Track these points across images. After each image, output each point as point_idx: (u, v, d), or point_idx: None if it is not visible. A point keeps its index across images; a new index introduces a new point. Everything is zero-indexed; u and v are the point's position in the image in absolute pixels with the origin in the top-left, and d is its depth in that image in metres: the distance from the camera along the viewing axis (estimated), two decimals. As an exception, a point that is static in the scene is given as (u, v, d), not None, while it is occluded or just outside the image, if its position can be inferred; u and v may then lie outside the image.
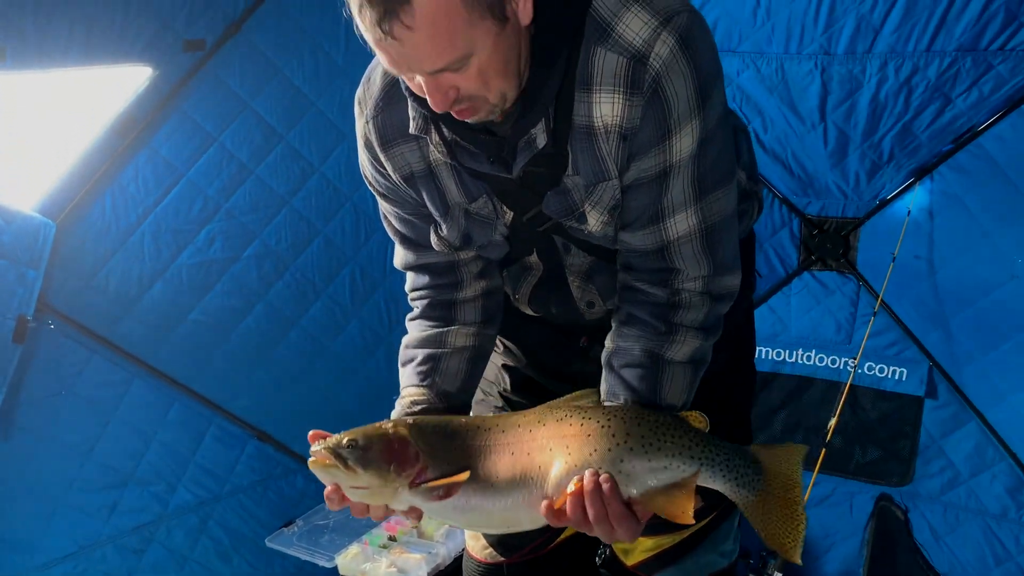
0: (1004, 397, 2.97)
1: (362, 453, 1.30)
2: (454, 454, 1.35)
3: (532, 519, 1.37)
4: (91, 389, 2.83)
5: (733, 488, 1.35)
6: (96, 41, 2.47)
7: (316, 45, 3.04)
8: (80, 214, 2.69)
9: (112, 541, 2.95)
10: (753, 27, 2.90)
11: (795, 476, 1.38)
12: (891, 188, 3.07)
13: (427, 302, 1.66)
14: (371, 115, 1.47)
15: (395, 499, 1.34)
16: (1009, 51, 2.65)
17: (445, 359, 1.61)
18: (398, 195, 1.57)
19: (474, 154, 1.40)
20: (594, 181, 1.40)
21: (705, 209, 1.39)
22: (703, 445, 1.34)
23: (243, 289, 3.13)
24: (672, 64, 1.27)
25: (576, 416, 1.36)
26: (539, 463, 1.33)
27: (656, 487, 1.32)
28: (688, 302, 1.45)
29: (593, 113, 1.33)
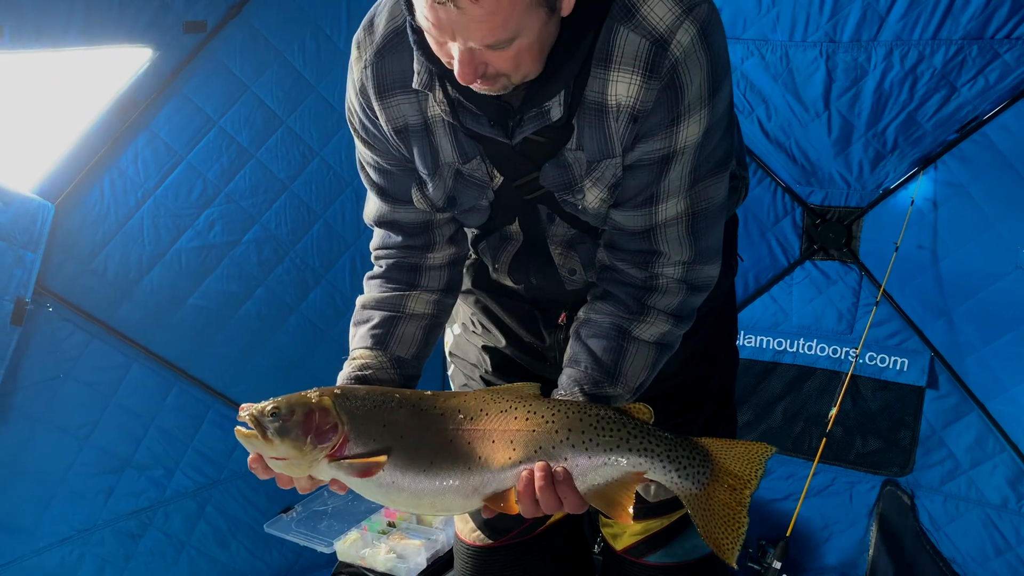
0: (1005, 388, 2.98)
1: (281, 423, 1.29)
2: (383, 430, 1.33)
3: (463, 505, 1.37)
4: (89, 373, 2.83)
5: (674, 480, 1.34)
6: (96, 21, 2.46)
7: (317, 29, 3.03)
8: (79, 196, 2.69)
9: (110, 525, 2.95)
10: (758, 14, 2.89)
11: (750, 476, 1.35)
12: (895, 177, 3.08)
13: (393, 262, 1.65)
14: (370, 60, 1.45)
15: (314, 471, 1.33)
16: (1016, 39, 2.64)
17: (402, 323, 1.60)
18: (384, 146, 1.55)
19: (476, 116, 1.39)
20: (599, 158, 1.41)
21: (695, 195, 1.42)
22: (643, 437, 1.33)
23: (243, 274, 3.13)
24: (691, 53, 1.29)
25: (521, 409, 1.35)
26: (480, 454, 1.32)
27: (600, 483, 1.33)
28: (664, 287, 1.48)
29: (608, 91, 1.34)
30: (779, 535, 3.06)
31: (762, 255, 3.39)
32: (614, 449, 1.32)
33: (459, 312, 1.92)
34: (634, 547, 1.89)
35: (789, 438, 3.40)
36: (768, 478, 3.37)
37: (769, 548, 3.08)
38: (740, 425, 3.37)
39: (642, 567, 1.89)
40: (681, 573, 1.87)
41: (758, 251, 3.38)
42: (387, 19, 1.43)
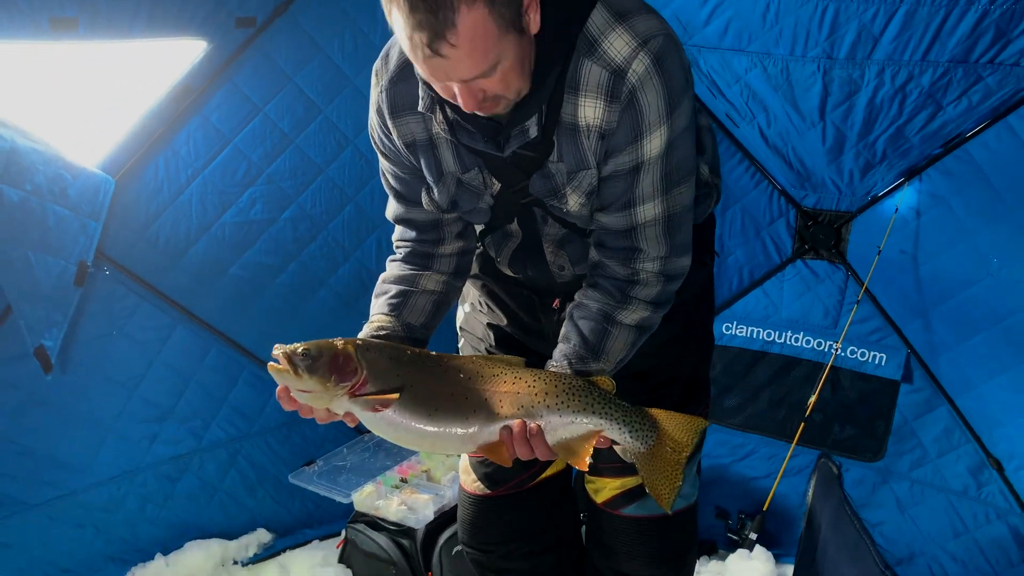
0: (974, 386, 3.15)
1: (311, 362, 1.47)
2: (396, 377, 1.54)
3: (457, 447, 1.63)
4: (139, 331, 3.07)
5: (627, 439, 1.63)
6: (159, 15, 2.65)
7: (356, 27, 3.19)
8: (136, 173, 2.90)
9: (151, 468, 3.22)
10: (762, 29, 3.00)
11: (686, 442, 1.64)
12: (882, 186, 3.22)
13: (409, 249, 1.88)
14: (385, 86, 1.67)
15: (334, 405, 1.52)
16: (997, 64, 2.77)
17: (415, 296, 1.82)
18: (398, 157, 1.77)
19: (471, 133, 1.61)
20: (576, 169, 1.63)
21: (669, 200, 1.65)
22: (605, 404, 1.60)
23: (279, 248, 3.32)
24: (646, 79, 1.50)
25: (510, 375, 1.60)
26: (474, 407, 1.57)
27: (568, 437, 1.61)
28: (645, 281, 1.71)
29: (578, 113, 1.56)
30: (757, 509, 3.28)
31: (757, 252, 3.55)
32: (581, 411, 1.59)
33: (469, 293, 2.15)
34: (612, 500, 2.08)
35: (774, 421, 3.58)
36: (751, 457, 3.61)
37: (748, 521, 3.30)
38: (729, 407, 3.62)
39: (619, 518, 2.09)
40: (652, 524, 2.07)
41: (753, 248, 3.54)
42: (399, 52, 1.65)
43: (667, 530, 2.10)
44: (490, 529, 2.22)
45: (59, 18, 2.42)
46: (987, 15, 2.70)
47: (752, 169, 3.44)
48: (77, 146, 2.76)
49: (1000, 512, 3.17)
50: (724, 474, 3.67)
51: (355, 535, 3.29)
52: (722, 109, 3.27)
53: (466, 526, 2.25)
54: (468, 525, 2.25)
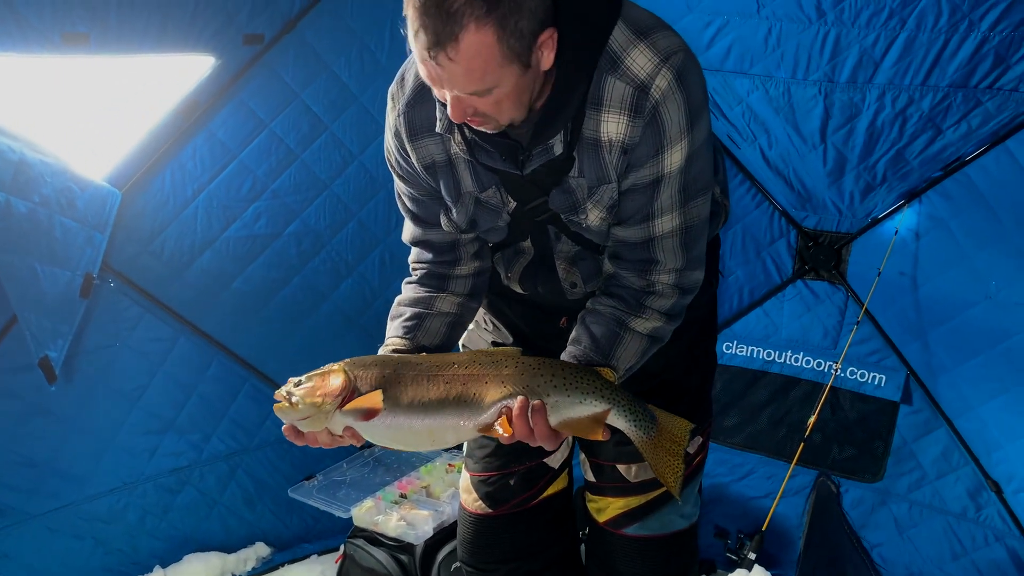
0: (972, 407, 3.15)
1: (300, 389, 1.52)
2: (386, 383, 1.54)
3: (457, 436, 1.61)
4: (142, 343, 3.09)
5: (631, 428, 1.66)
6: (168, 31, 2.69)
7: (363, 45, 3.23)
8: (143, 185, 2.92)
9: (152, 480, 3.22)
10: (764, 53, 3.05)
11: (681, 439, 1.69)
12: (882, 208, 3.23)
13: (425, 271, 1.88)
14: (402, 110, 1.69)
15: (331, 423, 1.54)
16: (996, 89, 2.80)
17: (430, 319, 1.83)
18: (415, 179, 1.78)
19: (489, 153, 1.63)
20: (597, 184, 1.65)
21: (687, 213, 1.66)
22: (612, 391, 1.63)
23: (283, 263, 3.34)
24: (668, 95, 1.52)
25: (511, 360, 1.61)
26: (474, 392, 1.57)
27: (574, 418, 1.62)
28: (660, 292, 1.72)
29: (600, 129, 1.57)
30: (756, 529, 3.28)
31: (757, 272, 3.56)
32: (589, 393, 1.61)
33: None
34: (615, 520, 2.07)
35: (773, 441, 3.58)
36: (750, 477, 3.62)
37: (746, 540, 3.28)
38: (729, 426, 3.64)
39: (622, 538, 2.08)
40: (654, 544, 2.07)
41: (754, 268, 3.56)
42: (415, 75, 1.66)
43: (669, 551, 2.10)
44: (491, 549, 2.20)
45: (71, 34, 2.46)
46: (986, 41, 2.74)
47: (753, 190, 3.46)
48: (85, 159, 2.79)
49: (999, 534, 3.17)
50: (723, 493, 3.67)
51: (354, 550, 3.28)
52: (724, 130, 3.30)
53: (467, 545, 2.24)
54: (469, 544, 2.23)
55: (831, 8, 2.89)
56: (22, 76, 2.61)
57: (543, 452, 2.10)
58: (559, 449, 2.14)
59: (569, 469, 2.23)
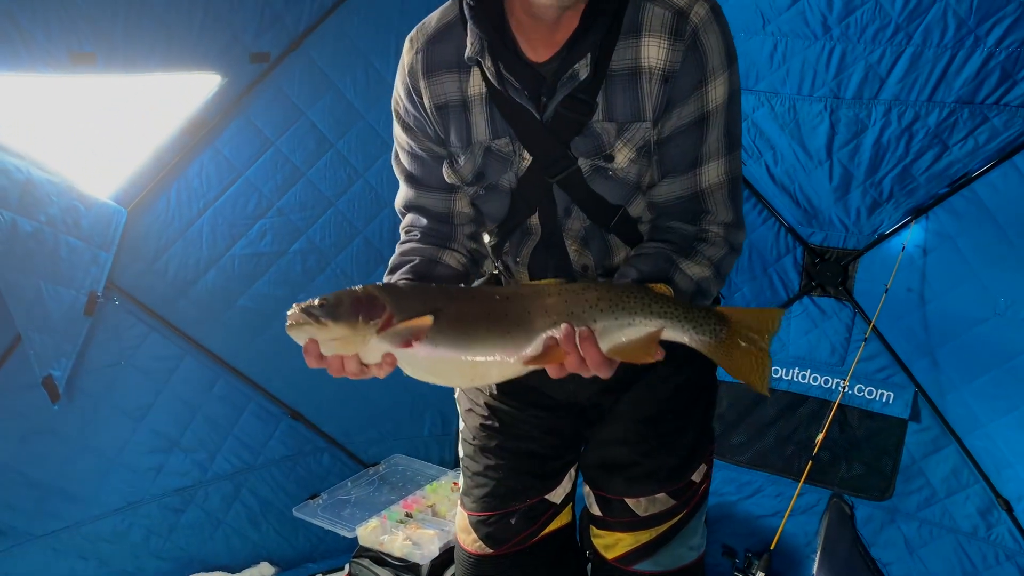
0: (981, 425, 3.14)
1: (332, 308, 1.37)
2: (424, 307, 1.41)
3: (501, 371, 1.47)
4: (147, 361, 3.08)
5: (694, 336, 1.50)
6: (175, 50, 2.71)
7: (368, 63, 3.24)
8: (149, 204, 2.93)
9: (156, 500, 3.20)
10: (770, 69, 3.07)
11: (764, 328, 1.54)
12: (889, 224, 3.23)
13: (422, 232, 1.79)
14: (422, 46, 1.67)
15: (365, 348, 1.39)
16: (1003, 106, 2.80)
17: (440, 268, 1.73)
18: (422, 126, 1.71)
19: (515, 88, 1.56)
20: (630, 120, 1.58)
21: (732, 162, 1.62)
22: (663, 304, 1.49)
23: (288, 280, 3.34)
24: (708, 22, 1.53)
25: (553, 288, 1.49)
26: (517, 321, 1.44)
27: (624, 342, 1.48)
28: (712, 240, 1.63)
29: (640, 55, 1.54)
30: (764, 548, 3.25)
31: (764, 288, 3.55)
32: (638, 312, 1.47)
33: None
34: (624, 556, 1.98)
35: (780, 459, 3.56)
36: (758, 495, 3.59)
37: (754, 559, 3.25)
38: (736, 444, 3.62)
39: (631, 575, 1.98)
40: None
41: (760, 284, 3.55)
42: (439, 17, 1.67)
43: None
44: None
45: (78, 53, 2.47)
46: (992, 57, 2.75)
47: (759, 206, 3.46)
48: (91, 177, 2.80)
49: (1009, 553, 3.15)
50: (731, 512, 3.65)
51: (359, 570, 3.25)
52: (730, 147, 3.30)
53: None
54: None
55: (836, 24, 2.90)
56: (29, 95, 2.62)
57: (544, 488, 2.04)
58: (561, 483, 2.07)
59: (572, 503, 2.14)
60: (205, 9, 2.73)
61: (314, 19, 3.06)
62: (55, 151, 2.68)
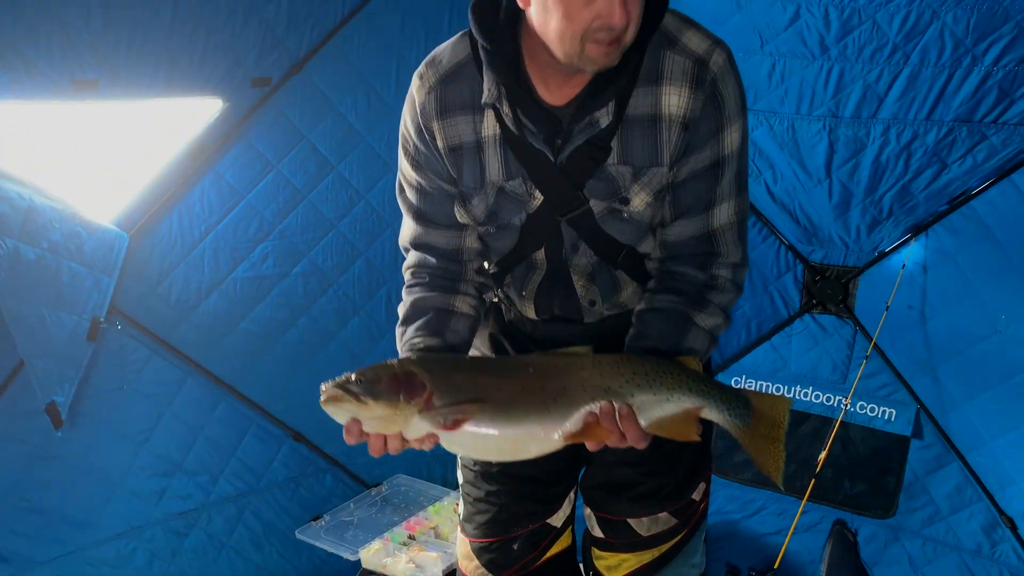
0: (984, 442, 3.14)
1: (371, 385, 1.37)
2: (463, 384, 1.42)
3: (541, 445, 1.47)
4: (149, 385, 3.07)
5: (728, 419, 1.54)
6: (177, 76, 2.71)
7: (369, 86, 3.25)
8: (151, 228, 2.93)
9: (160, 523, 3.19)
10: (768, 89, 3.08)
11: (779, 420, 1.59)
12: (889, 242, 3.25)
13: (431, 275, 1.77)
14: (434, 85, 1.64)
15: (408, 427, 1.40)
16: (1001, 124, 2.82)
17: (454, 319, 1.73)
18: (433, 166, 1.69)
19: (531, 131, 1.57)
20: (647, 165, 1.60)
21: (741, 203, 1.66)
22: (700, 382, 1.51)
23: (290, 302, 3.34)
24: (726, 71, 1.56)
25: (586, 360, 1.49)
26: (555, 396, 1.43)
27: (663, 417, 1.49)
28: (722, 286, 1.67)
29: (660, 103, 1.56)
30: (768, 566, 3.25)
31: (764, 306, 3.56)
32: (676, 389, 1.48)
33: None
34: None
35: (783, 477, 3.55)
36: (760, 513, 3.59)
37: (758, 579, 3.29)
38: (739, 462, 3.62)
39: None
40: None
41: (761, 302, 3.56)
42: (451, 55, 1.64)
43: None
44: None
45: (80, 80, 2.47)
46: (990, 76, 2.77)
47: (759, 224, 3.47)
48: (93, 202, 2.80)
49: (1014, 571, 3.14)
50: (734, 530, 3.64)
51: (362, 593, 3.26)
52: (729, 166, 3.31)
53: None
54: None
55: (834, 44, 2.92)
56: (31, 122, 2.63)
57: (547, 512, 2.05)
58: (562, 507, 2.08)
59: (572, 526, 2.16)
60: (207, 34, 2.73)
61: (315, 43, 3.07)
62: (57, 177, 2.68)
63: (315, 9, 3.02)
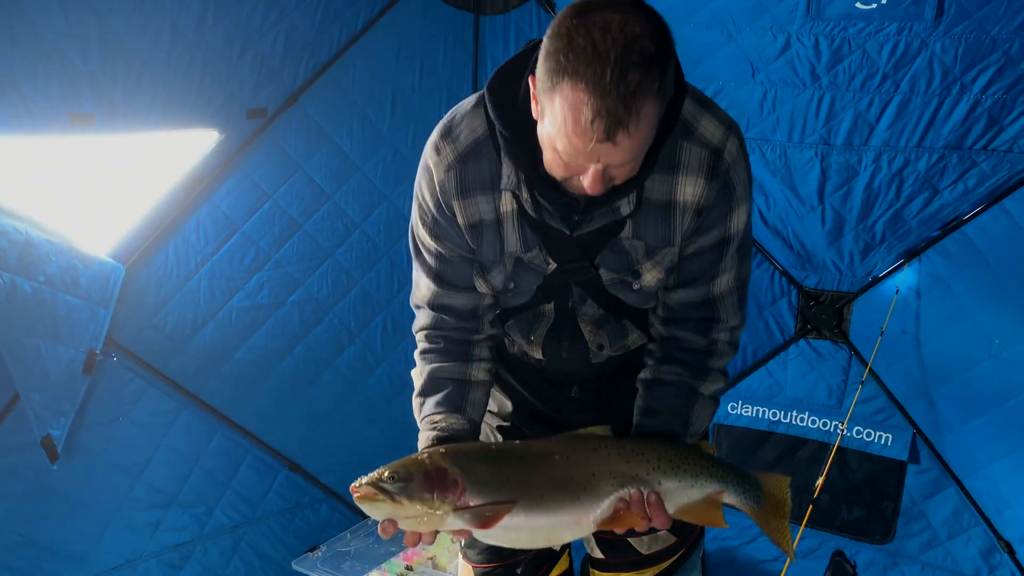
0: (981, 466, 3.15)
1: (404, 484, 1.39)
2: (493, 477, 1.45)
3: (574, 532, 1.53)
4: (145, 416, 3.06)
5: (745, 502, 1.62)
6: (173, 108, 2.73)
7: (364, 116, 3.28)
8: (147, 259, 2.92)
9: (155, 556, 3.17)
10: (760, 117, 3.12)
11: (784, 498, 1.69)
12: (882, 267, 3.27)
13: (446, 339, 1.79)
14: (453, 164, 1.62)
15: (443, 524, 1.42)
16: (991, 150, 2.86)
17: (472, 390, 1.77)
18: (451, 237, 1.70)
19: (548, 211, 1.60)
20: (660, 246, 1.64)
21: (742, 269, 1.70)
22: (719, 468, 1.59)
23: (285, 332, 3.34)
24: (738, 159, 1.58)
25: (611, 445, 1.55)
26: (584, 485, 1.49)
27: (688, 503, 1.57)
28: (721, 350, 1.74)
29: (676, 192, 1.58)
30: (767, 594, 3.26)
31: (759, 331, 3.57)
32: (700, 475, 1.57)
33: None
34: None
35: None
36: (758, 540, 3.58)
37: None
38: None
39: None
40: None
41: (756, 328, 3.56)
42: (468, 130, 1.61)
43: None
44: None
45: (77, 114, 2.48)
46: (979, 104, 2.81)
47: (753, 250, 3.47)
48: (89, 234, 2.80)
49: (1013, 596, 3.14)
50: (733, 556, 3.62)
51: (360, 624, 3.23)
52: (722, 193, 3.33)
53: None
54: None
55: (825, 72, 2.96)
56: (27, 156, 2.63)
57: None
58: None
59: (569, 549, 2.17)
60: (204, 67, 2.76)
61: (310, 74, 3.10)
62: (54, 211, 2.68)
63: (310, 41, 3.05)
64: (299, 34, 2.99)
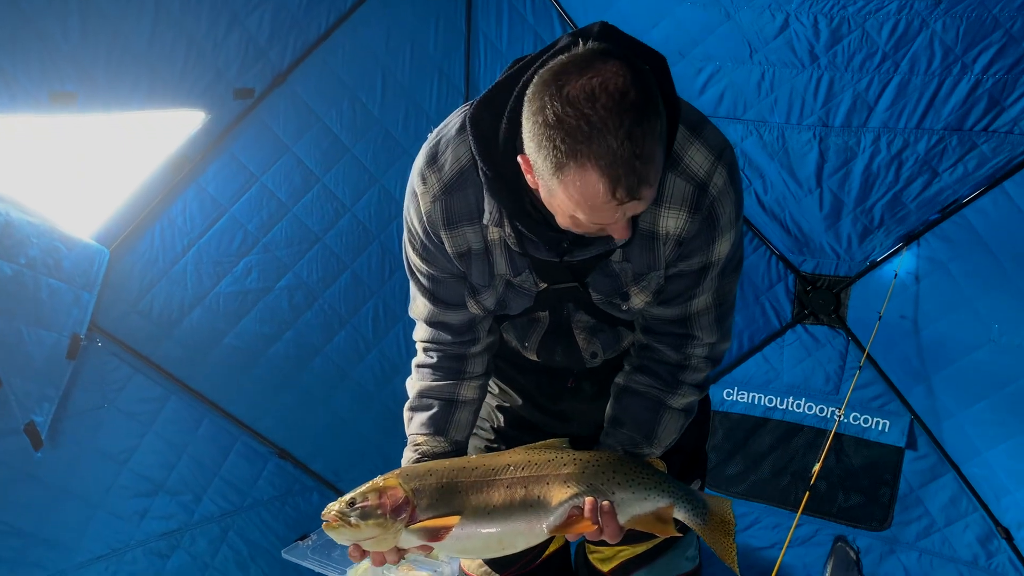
0: (979, 452, 3.12)
1: (360, 508, 1.50)
2: (444, 492, 1.55)
3: (528, 540, 1.60)
4: (131, 404, 3.01)
5: (692, 518, 1.68)
6: (158, 88, 2.67)
7: (354, 97, 3.22)
8: (132, 243, 2.87)
9: (142, 545, 3.13)
10: (757, 98, 3.07)
11: (728, 518, 1.73)
12: (880, 251, 3.24)
13: (441, 354, 1.85)
14: (438, 195, 1.60)
15: (400, 541, 1.53)
16: (991, 132, 2.82)
17: (459, 411, 1.84)
18: (441, 264, 1.72)
19: (534, 243, 1.58)
20: (645, 271, 1.65)
21: (723, 290, 1.70)
22: (671, 484, 1.66)
23: (274, 317, 3.29)
24: (724, 191, 1.54)
25: (567, 456, 1.62)
26: (538, 494, 1.57)
27: (640, 514, 1.62)
28: (695, 366, 1.76)
29: (659, 223, 1.57)
30: (763, 581, 3.23)
31: (756, 317, 3.54)
32: (652, 488, 1.63)
33: None
34: (622, 566, 2.06)
35: (776, 490, 3.53)
36: (755, 527, 3.56)
37: (754, 595, 3.25)
38: (732, 475, 3.59)
39: None
40: None
41: (752, 313, 3.53)
42: (452, 159, 1.58)
43: None
44: None
45: (58, 93, 2.42)
46: (980, 84, 2.77)
47: (749, 234, 3.45)
48: (72, 217, 2.73)
49: (1011, 582, 3.12)
50: (728, 544, 3.60)
51: (350, 613, 3.20)
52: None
53: None
54: None
55: (824, 52, 2.91)
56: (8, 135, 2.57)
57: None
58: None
59: None
60: (188, 45, 2.69)
61: (299, 54, 3.04)
62: (35, 191, 2.62)
63: (299, 19, 2.99)
64: (287, 12, 2.93)
